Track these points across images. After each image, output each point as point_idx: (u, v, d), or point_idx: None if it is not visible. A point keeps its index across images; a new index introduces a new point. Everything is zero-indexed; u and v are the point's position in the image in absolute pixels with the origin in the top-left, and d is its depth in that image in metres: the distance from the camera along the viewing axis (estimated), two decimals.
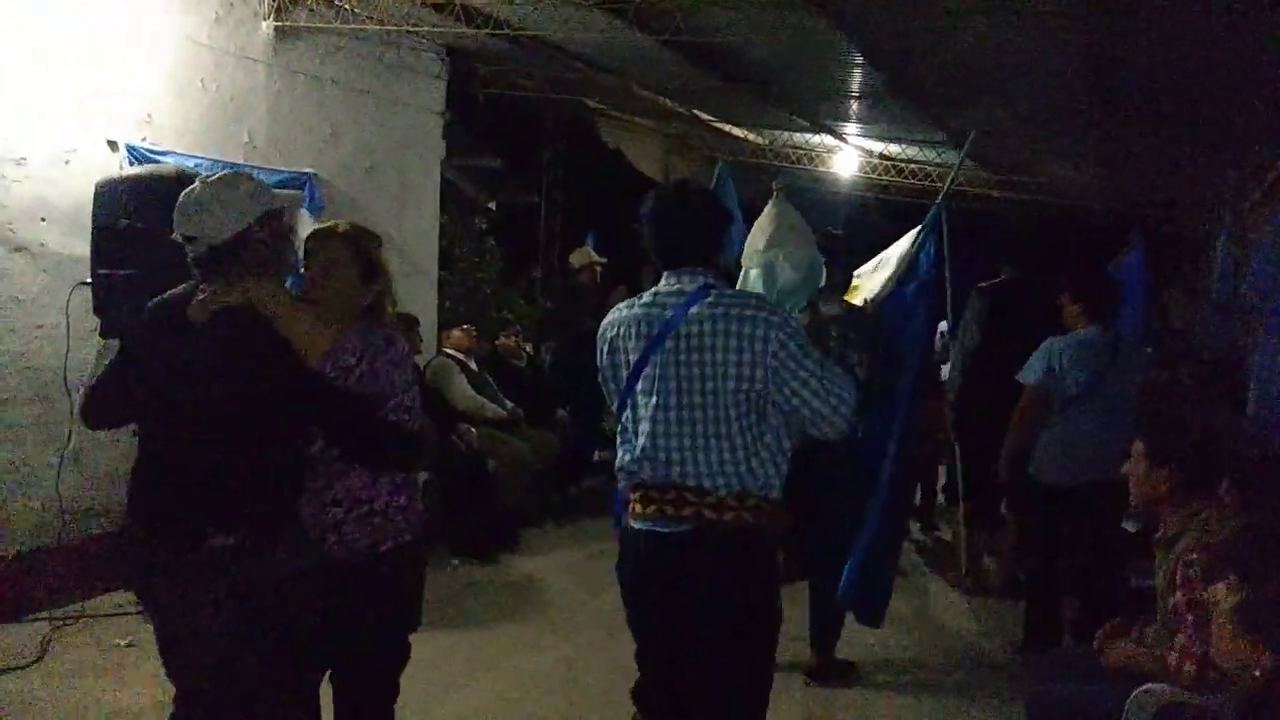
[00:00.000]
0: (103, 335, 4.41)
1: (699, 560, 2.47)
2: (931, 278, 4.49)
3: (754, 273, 4.37)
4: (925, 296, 4.45)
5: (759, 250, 4.31)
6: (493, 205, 9.02)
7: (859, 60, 5.49)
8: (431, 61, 6.68)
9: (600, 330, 2.70)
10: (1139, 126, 6.31)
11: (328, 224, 2.71)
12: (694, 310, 2.48)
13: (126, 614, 4.40)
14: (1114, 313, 5.10)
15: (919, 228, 4.57)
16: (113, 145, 4.65)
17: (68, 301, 4.40)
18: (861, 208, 10.85)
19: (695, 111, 8.05)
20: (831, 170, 9.61)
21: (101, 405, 2.49)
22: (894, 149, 8.67)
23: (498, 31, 5.53)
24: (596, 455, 8.11)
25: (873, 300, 4.47)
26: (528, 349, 7.73)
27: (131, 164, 4.61)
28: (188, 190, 2.38)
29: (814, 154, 9.37)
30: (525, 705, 3.94)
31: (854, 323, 4.23)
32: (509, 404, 6.58)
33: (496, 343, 7.35)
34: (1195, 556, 2.64)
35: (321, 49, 5.77)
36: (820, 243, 4.45)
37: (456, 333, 6.69)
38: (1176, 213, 9.59)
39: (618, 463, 2.64)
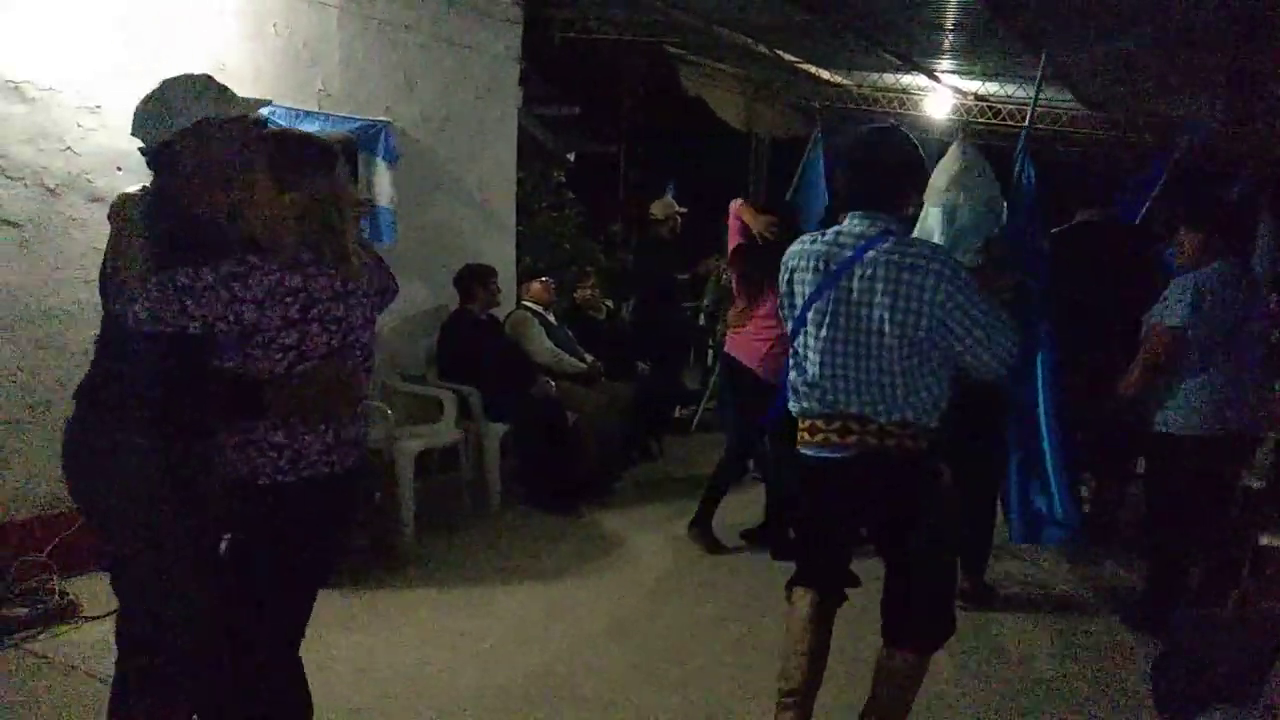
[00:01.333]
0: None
1: (862, 483, 2.77)
2: (1035, 200, 4.50)
3: (934, 211, 4.27)
4: (1035, 220, 4.53)
5: (940, 189, 4.26)
6: (571, 156, 8.85)
7: None
8: (507, 6, 6.49)
9: (784, 259, 2.93)
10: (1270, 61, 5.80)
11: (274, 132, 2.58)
12: (870, 254, 2.67)
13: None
14: (1245, 247, 4.70)
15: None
16: None
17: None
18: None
19: (779, 52, 7.71)
20: (924, 113, 9.16)
21: None
22: (990, 87, 8.19)
23: None
24: (678, 411, 7.95)
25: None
26: (607, 302, 7.57)
27: None
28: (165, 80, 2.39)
29: (905, 96, 8.94)
30: (601, 657, 3.83)
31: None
32: (588, 357, 6.44)
33: (575, 295, 7.21)
34: None
35: None
36: None
37: (535, 285, 6.57)
38: None
39: (789, 381, 2.90)
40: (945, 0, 5.59)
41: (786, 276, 2.90)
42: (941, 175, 4.28)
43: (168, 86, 2.36)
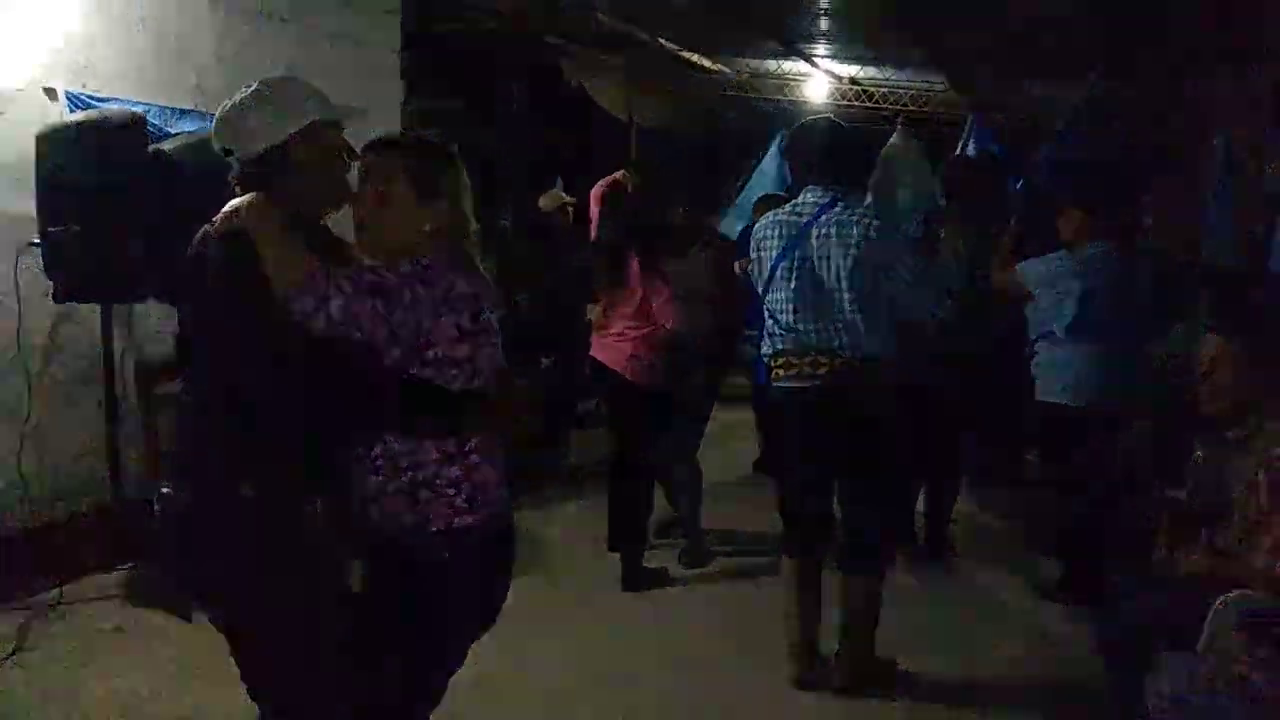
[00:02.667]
0: (57, 299, 4.07)
1: (829, 406, 3.28)
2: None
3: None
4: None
5: (881, 174, 4.87)
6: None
7: None
8: None
9: (753, 231, 3.53)
10: (1145, 37, 6.07)
11: (386, 135, 2.21)
12: (824, 217, 3.26)
13: (107, 598, 4.12)
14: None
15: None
16: (50, 93, 4.25)
17: (15, 264, 4.04)
18: None
19: (659, 40, 7.72)
20: (803, 98, 9.33)
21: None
22: (869, 72, 8.40)
23: None
24: (579, 407, 7.85)
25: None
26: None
27: (72, 112, 4.22)
28: (260, 82, 2.08)
29: (783, 82, 9.09)
30: (535, 656, 3.74)
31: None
32: None
33: None
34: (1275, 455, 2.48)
35: None
36: None
37: None
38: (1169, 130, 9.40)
39: (764, 336, 3.43)
40: None
41: (755, 246, 3.46)
42: (883, 161, 4.81)
43: (274, 88, 2.10)
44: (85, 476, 4.42)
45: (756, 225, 3.53)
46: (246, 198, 2.02)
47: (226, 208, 2.03)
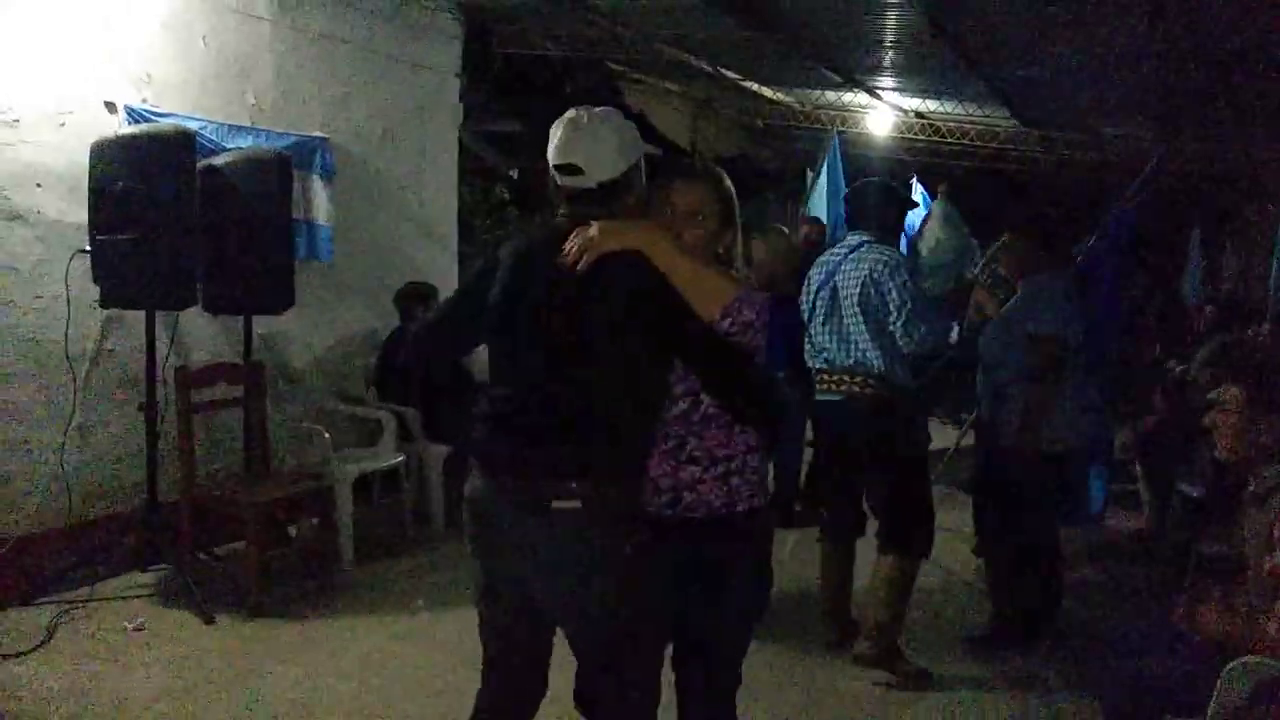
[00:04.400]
0: (104, 305, 4.23)
1: (852, 417, 3.83)
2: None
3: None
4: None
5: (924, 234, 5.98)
6: (514, 173, 8.75)
7: (899, 0, 5.16)
8: (447, 20, 6.40)
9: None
10: (1202, 85, 5.92)
11: (689, 161, 2.39)
12: (852, 255, 3.88)
13: (135, 597, 4.23)
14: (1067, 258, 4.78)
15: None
16: (110, 106, 4.43)
17: (67, 270, 4.20)
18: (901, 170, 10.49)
19: (722, 70, 7.73)
20: (866, 130, 9.24)
21: (440, 338, 2.46)
22: (930, 105, 8.28)
23: None
24: None
25: None
26: None
27: (130, 125, 4.39)
28: (571, 118, 2.17)
29: (847, 114, 9.01)
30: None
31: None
32: None
33: None
34: None
35: (330, 6, 5.51)
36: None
37: None
38: (1234, 172, 9.18)
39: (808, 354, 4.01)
40: (886, 18, 5.62)
41: (806, 281, 4.09)
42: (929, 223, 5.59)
43: (624, 123, 2.22)
44: (124, 478, 4.56)
45: (813, 265, 4.13)
46: (637, 223, 2.14)
47: (607, 227, 2.07)
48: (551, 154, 2.17)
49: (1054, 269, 4.22)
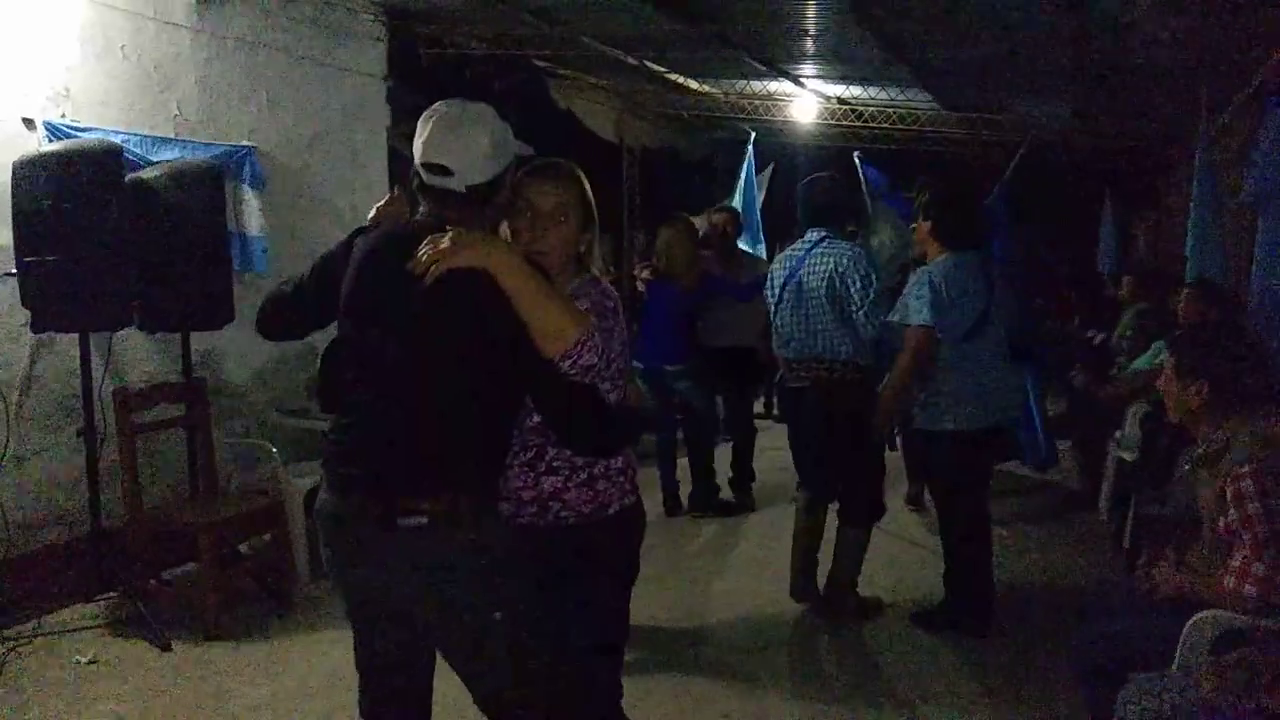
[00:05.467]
0: (34, 329, 4.07)
1: (818, 401, 4.23)
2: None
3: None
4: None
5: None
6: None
7: None
8: (370, 22, 6.30)
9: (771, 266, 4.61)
10: (1110, 58, 6.12)
11: (546, 161, 2.29)
12: (814, 251, 4.22)
13: (85, 629, 4.10)
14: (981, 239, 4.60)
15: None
16: (28, 123, 4.26)
17: None
18: (823, 156, 10.65)
19: (647, 63, 7.74)
20: (790, 118, 9.36)
21: (281, 312, 2.37)
22: (855, 91, 8.41)
23: None
24: None
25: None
26: None
27: (51, 141, 4.23)
28: (444, 114, 2.08)
29: (771, 103, 9.10)
30: None
31: None
32: None
33: None
34: (1246, 470, 2.45)
35: (251, 12, 5.38)
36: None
37: None
38: (1145, 145, 9.52)
39: (775, 344, 4.46)
40: (808, 5, 5.69)
41: (769, 276, 4.48)
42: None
43: (498, 124, 2.13)
44: (64, 506, 4.41)
45: (774, 260, 4.71)
46: (491, 239, 2.08)
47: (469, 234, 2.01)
48: (419, 150, 2.08)
49: (959, 250, 4.04)
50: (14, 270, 3.97)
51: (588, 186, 2.29)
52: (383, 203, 2.38)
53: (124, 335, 4.50)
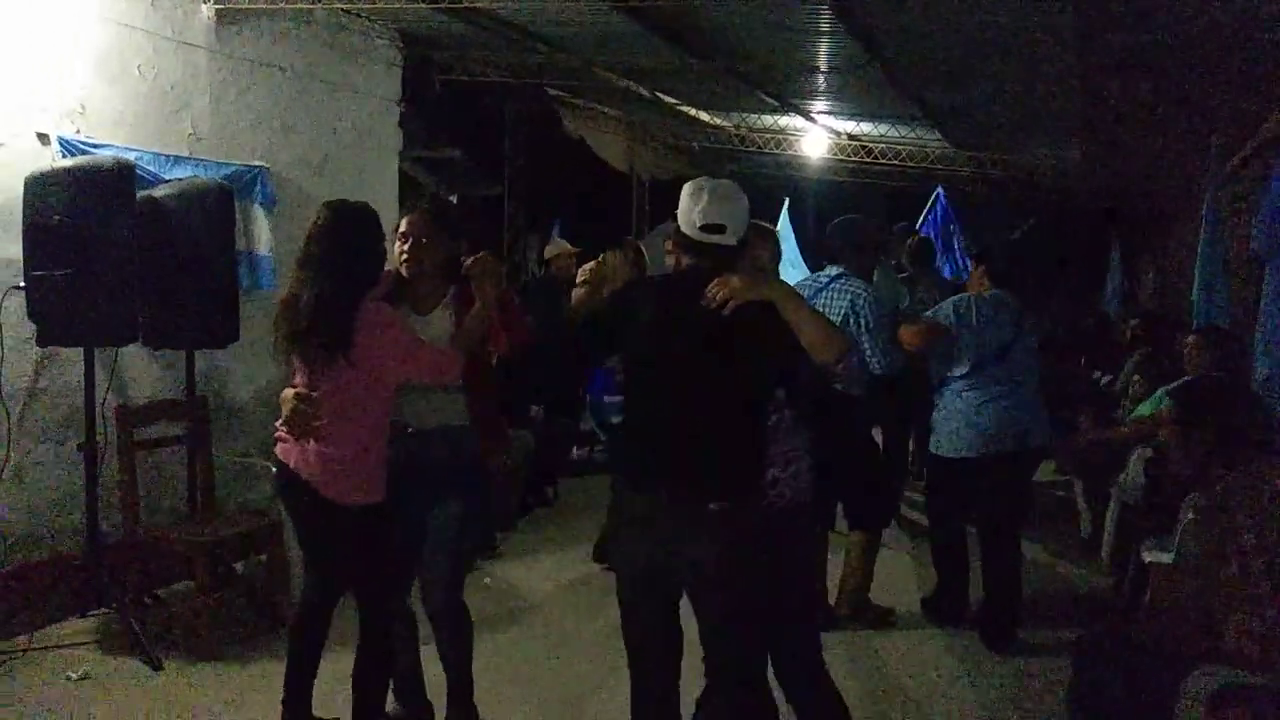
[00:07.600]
0: (40, 342, 4.09)
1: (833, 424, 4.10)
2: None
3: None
4: None
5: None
6: (453, 199, 8.70)
7: (832, 27, 5.28)
8: (385, 47, 6.37)
9: None
10: (1120, 105, 6.16)
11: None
12: (831, 285, 4.42)
13: (77, 645, 4.08)
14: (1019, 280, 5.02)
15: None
16: (43, 138, 4.30)
17: None
18: (832, 193, 10.71)
19: (659, 94, 7.81)
20: (800, 153, 9.41)
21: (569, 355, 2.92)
22: (865, 128, 8.47)
23: (455, 5, 5.24)
24: (575, 453, 7.83)
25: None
26: None
27: (65, 157, 4.26)
28: (713, 187, 2.59)
29: (782, 137, 9.16)
30: (506, 713, 3.74)
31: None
32: None
33: None
34: (1248, 524, 2.43)
35: (267, 34, 5.44)
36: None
37: None
38: (1153, 191, 9.54)
39: None
40: (820, 44, 5.74)
41: None
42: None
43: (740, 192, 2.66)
44: (62, 520, 4.40)
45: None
46: (767, 277, 2.81)
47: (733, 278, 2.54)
48: (696, 215, 2.57)
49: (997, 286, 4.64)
50: (22, 284, 3.98)
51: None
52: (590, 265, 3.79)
53: (128, 351, 4.51)
